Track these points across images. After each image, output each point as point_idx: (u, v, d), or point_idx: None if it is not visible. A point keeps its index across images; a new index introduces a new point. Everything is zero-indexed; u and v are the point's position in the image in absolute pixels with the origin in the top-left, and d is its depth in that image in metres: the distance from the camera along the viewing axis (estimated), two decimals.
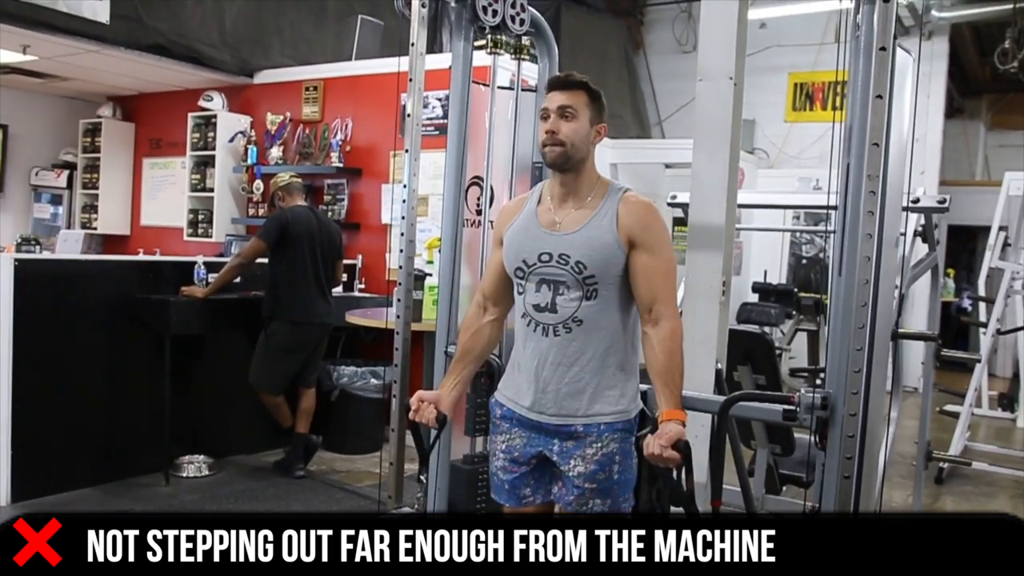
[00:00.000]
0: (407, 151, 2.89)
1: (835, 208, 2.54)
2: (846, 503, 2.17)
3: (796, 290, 7.94)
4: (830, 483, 2.22)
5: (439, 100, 5.29)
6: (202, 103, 6.66)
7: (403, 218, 2.89)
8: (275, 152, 6.30)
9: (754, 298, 8.13)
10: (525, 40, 3.14)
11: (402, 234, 2.90)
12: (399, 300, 2.91)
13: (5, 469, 4.05)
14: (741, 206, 3.43)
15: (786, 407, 2.39)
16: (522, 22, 3.03)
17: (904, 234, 3.57)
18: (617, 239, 2.17)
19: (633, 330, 2.27)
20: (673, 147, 9.25)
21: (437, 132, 5.04)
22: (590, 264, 2.16)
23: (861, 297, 2.16)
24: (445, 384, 2.36)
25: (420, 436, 2.37)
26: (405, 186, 2.88)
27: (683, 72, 10.26)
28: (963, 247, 11.76)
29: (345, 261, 5.38)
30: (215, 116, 6.60)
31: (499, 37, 3.03)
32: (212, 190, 6.63)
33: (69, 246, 5.59)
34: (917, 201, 3.75)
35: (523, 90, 3.18)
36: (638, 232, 2.17)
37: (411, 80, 2.86)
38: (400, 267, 2.90)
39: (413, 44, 2.85)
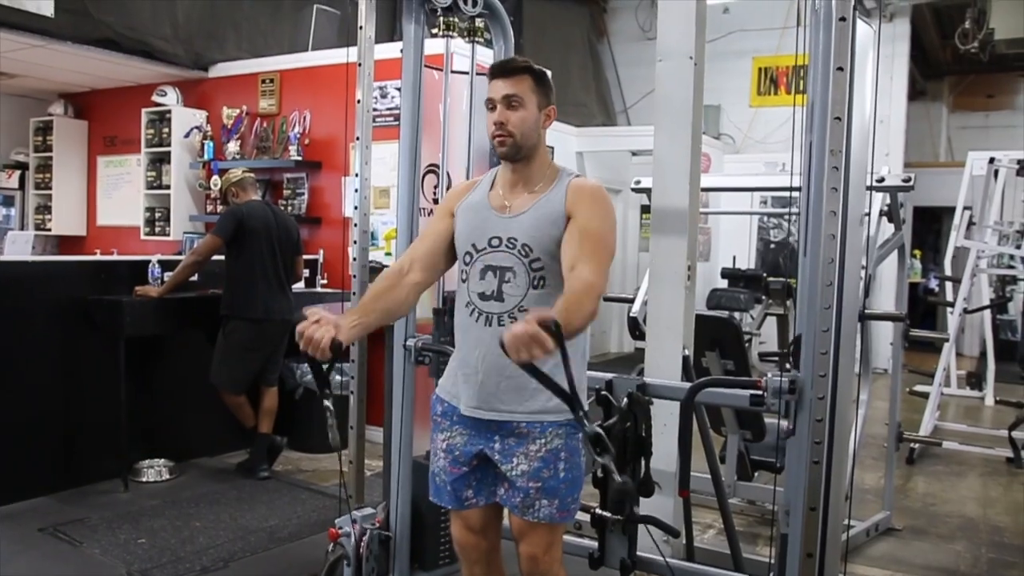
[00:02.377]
0: (358, 138, 2.79)
1: (799, 189, 2.48)
2: (816, 488, 2.12)
3: (765, 275, 7.93)
4: (799, 468, 2.16)
5: (398, 90, 5.15)
6: (156, 98, 6.49)
7: (355, 208, 2.79)
8: (232, 147, 6.15)
9: (723, 284, 8.11)
10: (479, 23, 3.05)
11: (355, 225, 2.80)
12: (355, 293, 2.82)
13: None
14: (705, 189, 3.38)
15: (753, 392, 2.33)
16: (475, 3, 2.94)
17: (869, 214, 3.53)
18: (563, 217, 2.08)
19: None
20: (639, 134, 9.20)
21: (397, 122, 4.91)
22: (536, 246, 2.08)
23: (826, 277, 2.10)
24: (347, 316, 2.07)
25: (318, 364, 2.01)
26: (357, 175, 2.78)
27: (648, 59, 10.11)
28: (929, 228, 11.86)
29: (306, 256, 5.27)
30: (169, 111, 6.44)
31: (451, 19, 2.94)
32: (168, 187, 6.47)
33: (18, 247, 5.41)
34: (882, 180, 3.72)
35: (479, 74, 3.09)
36: (576, 207, 2.08)
37: (360, 65, 2.77)
38: (354, 259, 2.81)
39: (361, 27, 2.76)
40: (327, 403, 2.07)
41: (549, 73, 2.24)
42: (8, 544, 3.61)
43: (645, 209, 10.08)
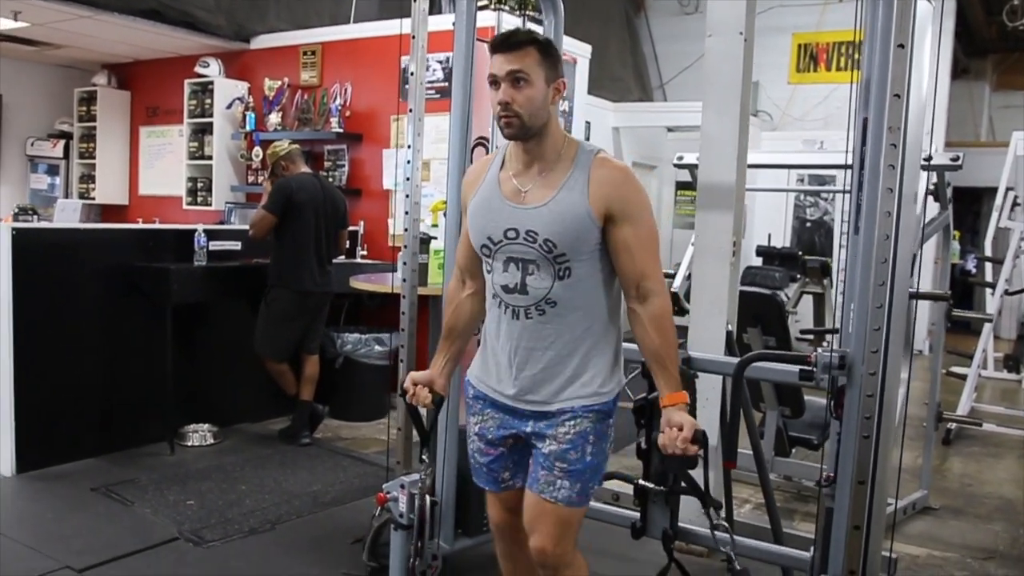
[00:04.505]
0: (411, 111, 2.83)
1: (849, 167, 2.48)
2: (865, 464, 2.14)
3: (801, 253, 7.88)
4: (848, 444, 2.18)
5: (440, 63, 5.20)
6: (198, 69, 6.55)
7: (407, 179, 2.83)
8: (274, 118, 6.21)
9: (758, 262, 8.08)
10: None
11: (407, 196, 2.84)
12: (404, 264, 2.86)
13: (9, 440, 4.02)
14: (752, 166, 3.38)
15: (803, 367, 2.35)
16: None
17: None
18: (590, 211, 1.96)
19: (613, 306, 2.10)
20: (676, 110, 9.15)
21: (439, 95, 4.96)
22: (560, 242, 1.96)
23: (881, 253, 2.11)
24: (436, 363, 2.24)
25: (419, 417, 2.28)
26: (409, 147, 2.81)
27: (685, 34, 10.13)
28: (968, 209, 11.70)
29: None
30: (212, 83, 6.49)
31: None
32: (210, 158, 6.54)
33: (67, 215, 5.52)
34: (930, 159, 3.70)
35: None
36: (616, 204, 1.96)
37: (414, 38, 2.80)
38: (406, 230, 2.85)
39: (415, 1, 2.78)
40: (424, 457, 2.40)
41: (591, 50, 2.22)
42: (64, 502, 3.74)
43: (681, 185, 10.02)
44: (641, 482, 2.72)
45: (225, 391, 4.97)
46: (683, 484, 2.28)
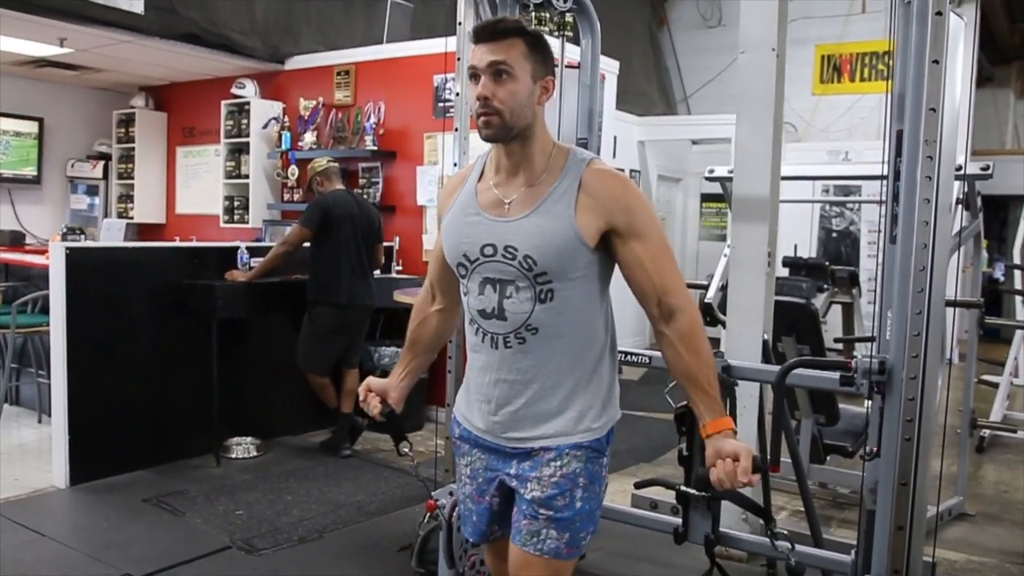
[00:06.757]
0: (456, 130, 2.93)
1: (885, 177, 2.55)
2: (907, 466, 2.21)
3: (828, 263, 7.92)
4: (890, 446, 2.25)
5: None
6: (235, 90, 6.71)
7: None
8: (309, 137, 6.35)
9: (784, 272, 8.11)
10: (568, 17, 3.15)
11: None
12: None
13: (63, 453, 4.15)
14: (786, 178, 3.45)
15: (843, 373, 2.43)
16: None
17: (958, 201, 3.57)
18: (575, 228, 1.73)
19: (606, 333, 1.88)
20: (700, 123, 9.24)
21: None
22: (541, 259, 1.74)
23: (920, 261, 2.18)
24: (395, 373, 2.09)
25: (388, 420, 2.11)
26: (456, 165, 2.92)
27: (708, 48, 10.21)
28: (994, 217, 11.64)
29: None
30: (248, 103, 6.66)
31: (543, 14, 3.05)
32: (247, 177, 6.70)
33: (112, 234, 5.70)
34: (960, 169, 3.75)
35: (567, 67, 3.21)
36: (621, 218, 1.75)
37: (459, 59, 2.90)
38: None
39: (460, 23, 2.89)
40: (405, 449, 2.19)
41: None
42: (117, 513, 3.85)
43: (707, 197, 10.11)
44: (683, 488, 2.80)
45: (266, 404, 5.09)
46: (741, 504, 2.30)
